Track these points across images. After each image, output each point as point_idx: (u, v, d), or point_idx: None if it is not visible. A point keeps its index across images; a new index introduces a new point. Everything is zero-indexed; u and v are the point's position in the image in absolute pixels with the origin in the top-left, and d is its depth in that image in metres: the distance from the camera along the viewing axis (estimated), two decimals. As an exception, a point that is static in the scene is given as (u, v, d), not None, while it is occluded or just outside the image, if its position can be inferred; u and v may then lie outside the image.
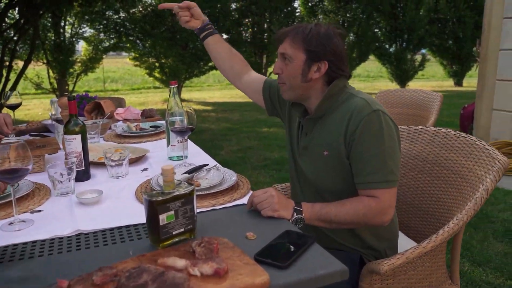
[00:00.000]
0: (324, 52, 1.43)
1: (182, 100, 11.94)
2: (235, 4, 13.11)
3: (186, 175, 1.56)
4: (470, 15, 14.91)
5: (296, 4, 14.45)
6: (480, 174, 1.63)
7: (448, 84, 17.01)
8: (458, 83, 16.64)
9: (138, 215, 1.31)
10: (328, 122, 1.49)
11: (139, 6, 11.26)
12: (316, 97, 1.51)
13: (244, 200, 1.42)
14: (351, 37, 14.92)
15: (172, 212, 1.09)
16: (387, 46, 15.49)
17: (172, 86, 1.92)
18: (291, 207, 1.34)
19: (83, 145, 1.65)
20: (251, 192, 1.51)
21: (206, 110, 10.31)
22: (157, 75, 12.12)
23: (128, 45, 11.98)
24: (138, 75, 19.93)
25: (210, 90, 16.35)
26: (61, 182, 1.50)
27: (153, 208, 1.07)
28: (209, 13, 11.88)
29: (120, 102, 3.63)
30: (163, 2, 1.94)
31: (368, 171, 1.39)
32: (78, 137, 1.62)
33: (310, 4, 14.81)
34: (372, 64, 20.08)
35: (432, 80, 20.12)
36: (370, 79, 22.04)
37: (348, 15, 14.48)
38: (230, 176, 1.57)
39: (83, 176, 1.66)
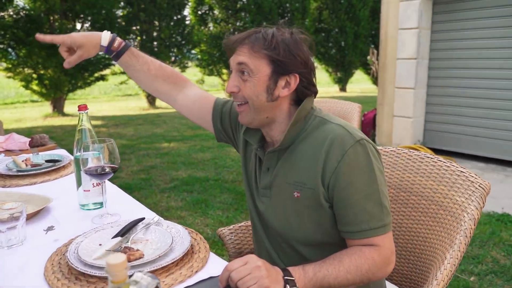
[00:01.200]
0: (293, 62, 1.12)
1: (65, 115, 10.89)
2: (121, 10, 12.28)
3: (118, 239, 1.12)
4: (350, 26, 15.89)
5: (186, 12, 14.06)
6: (460, 201, 1.43)
7: (334, 90, 17.93)
8: (343, 88, 17.65)
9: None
10: (297, 155, 1.17)
11: (9, 10, 9.93)
12: (281, 121, 1.20)
13: (209, 271, 1.03)
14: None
15: (128, 330, 0.67)
16: (277, 54, 15.80)
17: (82, 112, 1.45)
18: (280, 277, 0.99)
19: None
20: (211, 254, 1.12)
21: (96, 126, 9.41)
22: (35, 87, 10.79)
23: (-3, 54, 10.50)
24: (11, 87, 17.86)
25: (97, 103, 15.16)
26: None
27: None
28: (93, 19, 10.97)
29: (-4, 126, 2.93)
30: (41, 9, 1.45)
31: (363, 217, 1.09)
32: None
33: (199, 12, 14.53)
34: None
35: (317, 86, 21.06)
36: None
37: (238, 23, 14.47)
38: (179, 234, 1.16)
39: (-45, 251, 1.13)
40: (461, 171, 1.47)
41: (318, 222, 1.16)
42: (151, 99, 13.23)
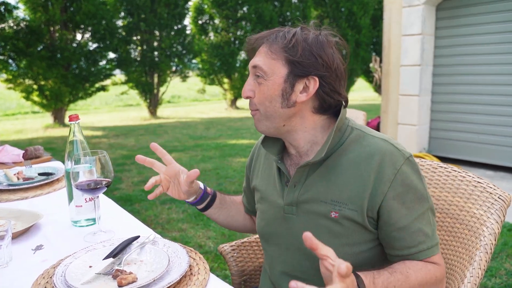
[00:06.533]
0: (313, 63, 1.01)
1: (66, 126, 10.82)
2: (122, 20, 12.28)
3: (110, 260, 1.02)
4: (351, 34, 15.87)
5: (186, 22, 14.08)
6: (478, 214, 1.34)
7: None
8: (345, 97, 17.56)
9: None
10: (335, 171, 1.05)
11: (10, 21, 9.92)
12: (304, 130, 1.09)
13: (209, 296, 0.93)
14: (242, 55, 14.96)
15: None
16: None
17: (73, 123, 1.36)
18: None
19: None
20: (212, 276, 1.02)
21: (96, 136, 9.34)
22: (36, 98, 10.76)
23: (-3, 65, 10.48)
24: (13, 98, 17.90)
25: (98, 113, 15.14)
26: None
27: None
28: (94, 30, 10.96)
29: (-9, 138, 2.85)
30: (41, 20, 1.33)
31: (420, 238, 1.03)
32: None
33: (200, 22, 14.54)
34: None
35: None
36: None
37: (239, 33, 14.46)
38: (177, 254, 1.07)
39: None
40: (478, 182, 1.38)
41: (354, 243, 1.06)
42: (152, 109, 13.18)
